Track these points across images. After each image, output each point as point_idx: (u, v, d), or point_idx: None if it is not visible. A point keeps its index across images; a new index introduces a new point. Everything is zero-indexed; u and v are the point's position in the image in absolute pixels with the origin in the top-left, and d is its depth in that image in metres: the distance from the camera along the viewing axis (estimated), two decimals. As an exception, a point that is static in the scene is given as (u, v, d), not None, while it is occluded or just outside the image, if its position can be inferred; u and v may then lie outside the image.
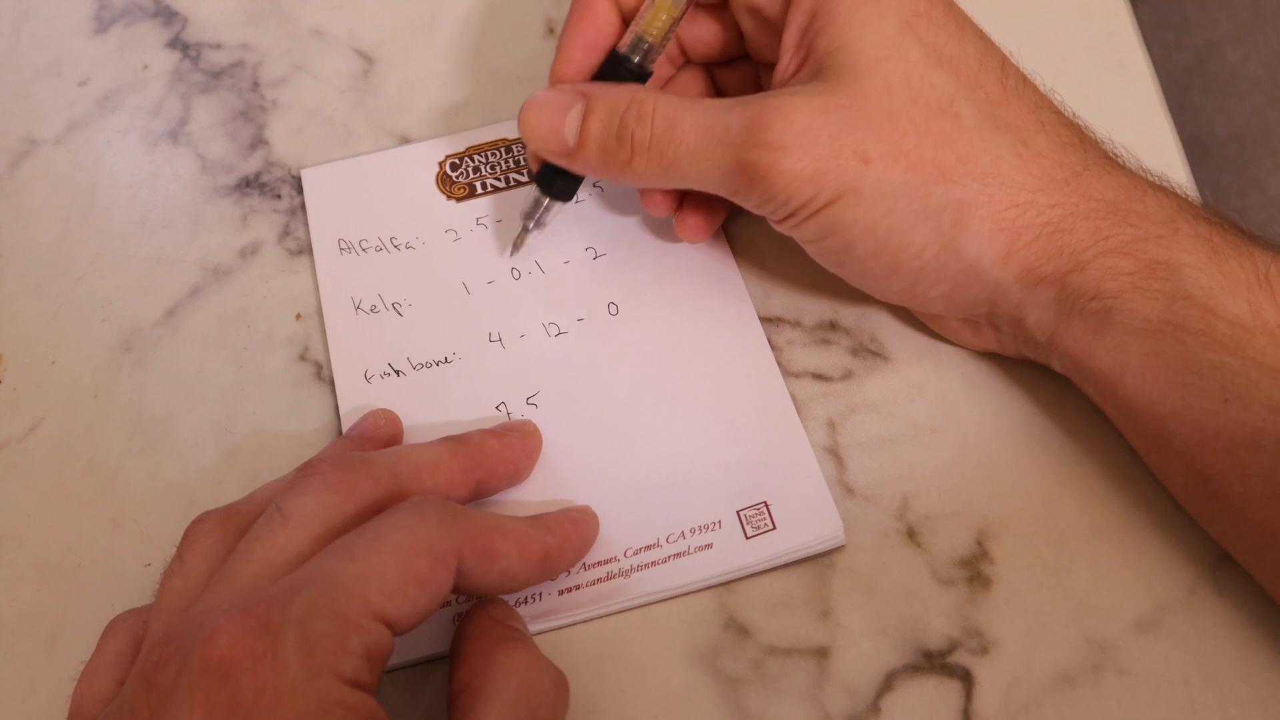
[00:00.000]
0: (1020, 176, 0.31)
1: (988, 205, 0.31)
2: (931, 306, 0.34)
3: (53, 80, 0.46)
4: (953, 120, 0.31)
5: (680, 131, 0.32)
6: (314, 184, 0.42)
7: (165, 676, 0.26)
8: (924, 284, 0.33)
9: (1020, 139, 0.32)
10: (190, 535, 0.30)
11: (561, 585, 0.33)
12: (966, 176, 0.31)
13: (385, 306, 0.39)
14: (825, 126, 0.31)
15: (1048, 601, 0.32)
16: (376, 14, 0.46)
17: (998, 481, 0.34)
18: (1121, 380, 0.31)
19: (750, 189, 0.32)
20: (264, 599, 0.26)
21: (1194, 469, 0.30)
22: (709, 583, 0.33)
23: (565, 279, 0.39)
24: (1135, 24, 0.43)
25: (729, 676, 0.32)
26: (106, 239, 0.42)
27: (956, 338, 0.36)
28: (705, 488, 0.35)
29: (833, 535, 0.33)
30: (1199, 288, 0.30)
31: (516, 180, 0.41)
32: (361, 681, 0.26)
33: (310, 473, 0.30)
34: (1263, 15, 1.08)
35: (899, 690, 0.32)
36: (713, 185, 0.33)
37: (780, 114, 0.31)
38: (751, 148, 0.31)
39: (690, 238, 0.38)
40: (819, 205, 0.31)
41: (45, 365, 0.39)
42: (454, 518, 0.29)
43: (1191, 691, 0.31)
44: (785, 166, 0.31)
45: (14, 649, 0.34)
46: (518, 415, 0.36)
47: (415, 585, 0.27)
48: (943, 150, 0.31)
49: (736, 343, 0.37)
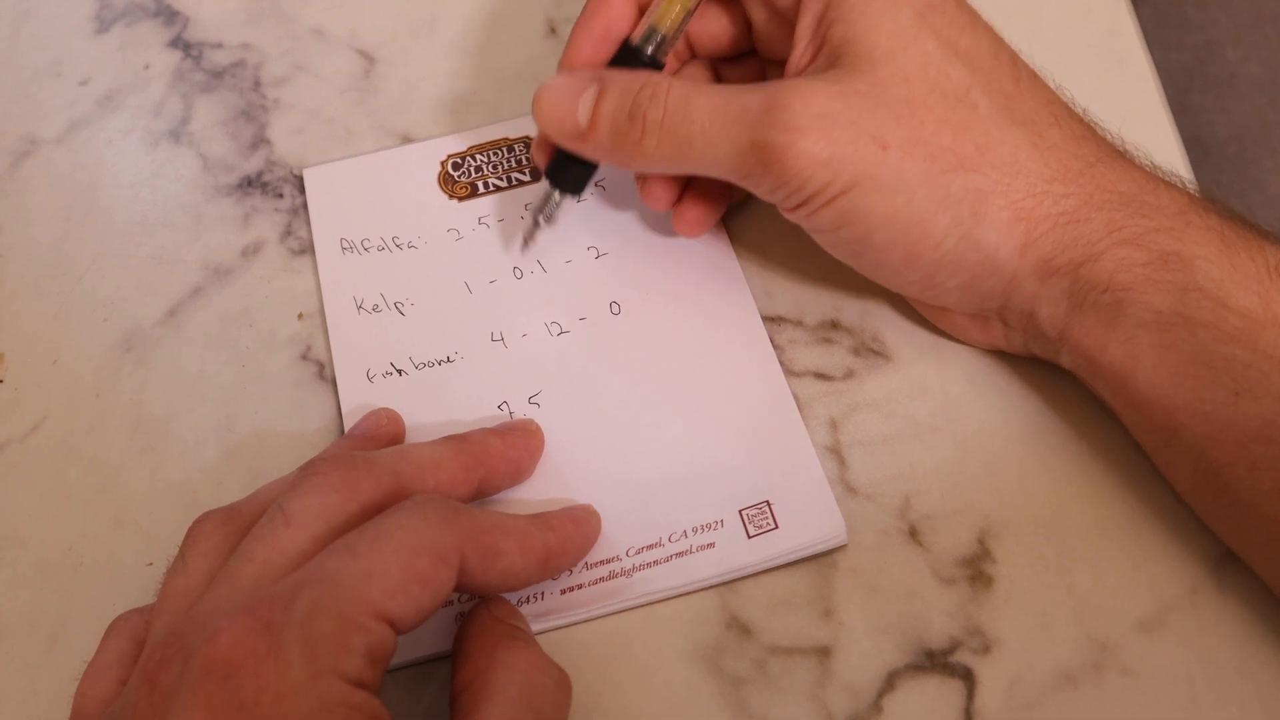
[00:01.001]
0: (1037, 166, 0.31)
1: (1006, 194, 0.31)
2: (946, 299, 0.34)
3: (54, 80, 0.46)
4: (970, 110, 0.31)
5: (694, 111, 0.32)
6: (316, 183, 0.42)
7: (168, 676, 0.26)
8: (941, 275, 0.33)
9: (1035, 131, 0.32)
10: (192, 535, 0.30)
11: (564, 584, 0.33)
12: (985, 165, 0.31)
13: (387, 306, 0.39)
14: (844, 111, 0.31)
15: (1050, 600, 0.32)
16: (377, 14, 0.46)
17: (999, 480, 0.34)
18: (1132, 373, 0.31)
19: (764, 172, 0.31)
20: (266, 598, 0.26)
21: (1203, 462, 0.30)
22: (711, 582, 0.33)
23: (567, 278, 0.39)
24: (1135, 24, 0.43)
25: (731, 676, 0.32)
26: (108, 238, 0.42)
27: (963, 334, 0.36)
28: (707, 487, 0.34)
29: (835, 534, 0.33)
30: (1210, 280, 0.30)
31: (519, 180, 0.41)
32: (364, 680, 0.26)
33: (312, 472, 0.30)
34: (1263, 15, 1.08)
35: (901, 689, 0.32)
36: (724, 168, 0.33)
37: (798, 96, 0.31)
38: (768, 129, 0.31)
39: (688, 231, 0.37)
40: (835, 192, 0.31)
41: (46, 365, 0.39)
42: (455, 516, 0.29)
43: (1194, 691, 0.31)
44: (802, 149, 0.30)
45: (15, 649, 0.34)
46: (520, 415, 0.36)
47: (418, 584, 0.27)
48: (961, 139, 0.31)
49: (738, 342, 0.37)
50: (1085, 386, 0.34)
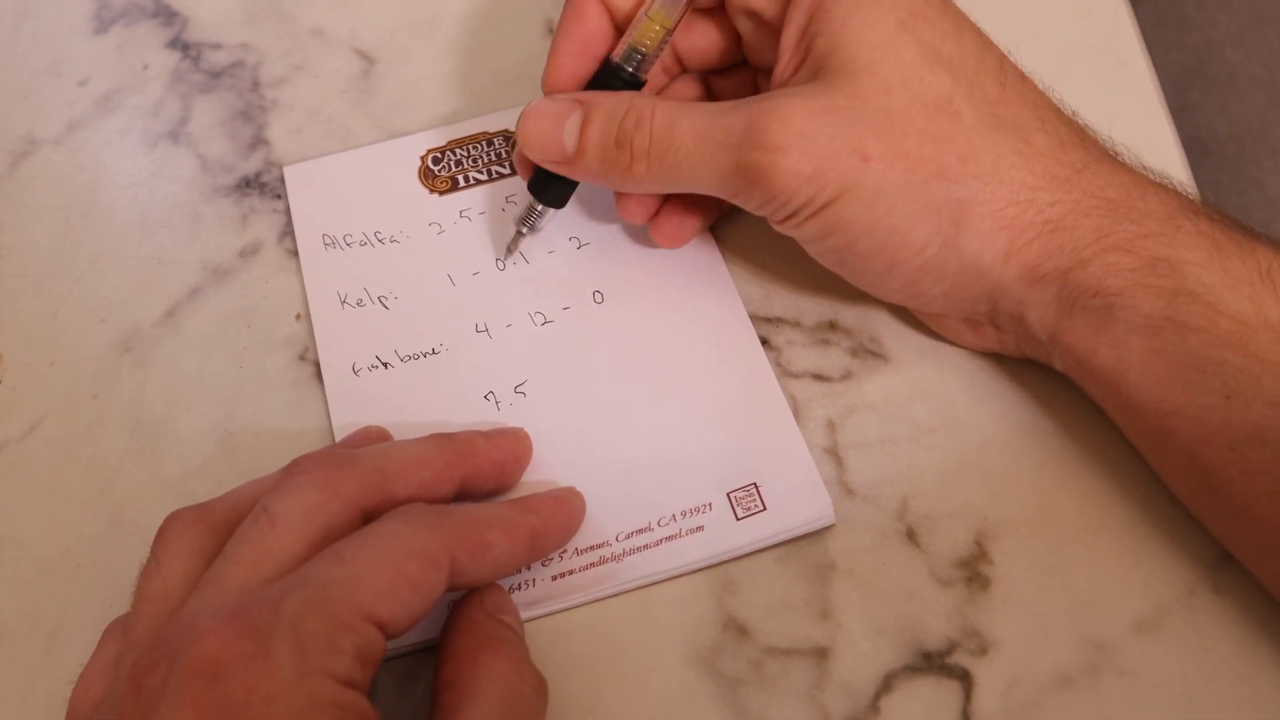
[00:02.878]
0: (1021, 174, 0.31)
1: (988, 203, 0.31)
2: (932, 305, 0.34)
3: (53, 80, 0.46)
4: (952, 119, 0.31)
5: (678, 135, 0.32)
6: (296, 180, 0.42)
7: (154, 679, 0.26)
8: (924, 282, 0.33)
9: (1020, 137, 0.32)
10: (164, 534, 0.30)
11: (554, 570, 0.34)
12: (967, 175, 0.31)
13: (371, 300, 0.39)
14: (824, 127, 0.31)
15: (1047, 602, 0.32)
16: (376, 14, 0.46)
17: (997, 482, 0.34)
18: (1123, 377, 0.31)
19: (750, 190, 0.32)
20: (254, 602, 0.26)
21: (1195, 466, 0.30)
22: (701, 564, 0.34)
23: (550, 269, 0.39)
24: (1135, 24, 0.43)
25: (728, 677, 0.32)
26: (106, 239, 0.42)
27: (958, 337, 0.36)
28: (695, 470, 0.35)
29: (822, 514, 0.34)
30: (1201, 284, 0.30)
31: (499, 173, 0.41)
32: (353, 681, 0.26)
33: (296, 471, 0.30)
34: (1263, 15, 1.08)
35: (898, 691, 0.32)
36: (712, 188, 0.33)
37: (778, 115, 0.31)
38: (751, 149, 0.31)
39: (666, 243, 0.38)
40: (820, 205, 0.31)
41: (45, 365, 0.39)
42: (441, 520, 0.29)
43: (1191, 692, 0.31)
44: (784, 167, 0.31)
45: (13, 649, 0.34)
46: (506, 404, 0.37)
47: (407, 587, 0.27)
48: (942, 149, 0.31)
49: (721, 326, 0.38)
50: (1078, 388, 0.34)
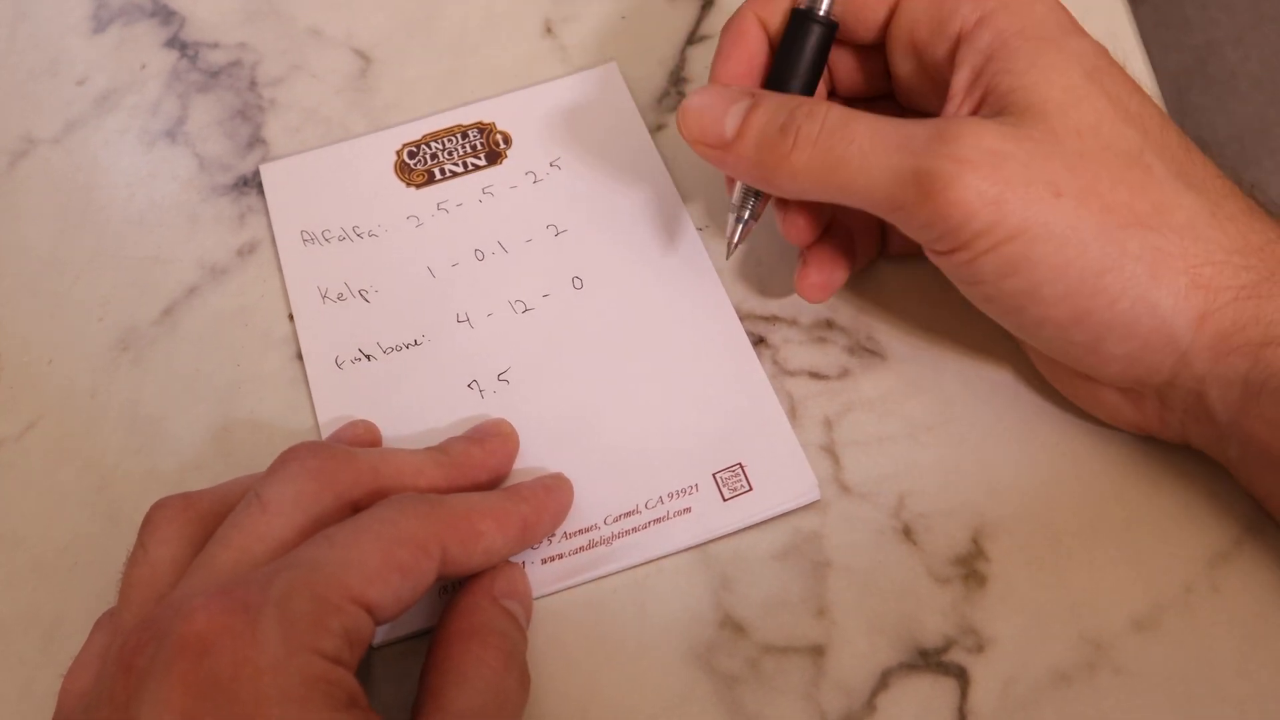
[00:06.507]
0: (1215, 234, 0.30)
1: (1184, 258, 0.29)
2: (1108, 369, 0.31)
3: (50, 80, 0.46)
4: (1144, 171, 0.30)
5: (853, 130, 0.30)
6: (273, 178, 0.42)
7: (143, 658, 0.26)
8: (1110, 339, 0.30)
9: (1212, 200, 0.30)
10: (151, 522, 0.30)
11: (544, 554, 0.34)
12: (1163, 225, 0.29)
13: (352, 294, 0.39)
14: (1017, 151, 0.29)
15: (1044, 600, 0.32)
16: (374, 13, 0.46)
17: (994, 480, 0.34)
18: None
19: (920, 205, 0.29)
20: (243, 581, 0.26)
21: None
22: (690, 545, 0.34)
23: (529, 257, 0.39)
24: (1135, 24, 0.43)
25: (725, 675, 0.32)
26: (104, 238, 0.42)
27: (1111, 414, 0.33)
28: (680, 452, 0.35)
29: (807, 492, 0.34)
30: None
31: (474, 165, 0.42)
32: (341, 660, 0.26)
33: (290, 459, 0.30)
34: (1263, 15, 1.08)
35: (895, 688, 0.32)
36: (876, 197, 0.30)
37: (970, 129, 0.29)
38: (935, 157, 0.29)
39: (812, 297, 0.36)
40: (1000, 237, 0.29)
41: (42, 364, 0.39)
42: (432, 508, 0.30)
43: (1188, 690, 0.31)
44: (968, 182, 0.28)
45: (10, 647, 0.34)
46: (490, 392, 0.37)
47: (397, 573, 0.28)
48: (1138, 197, 0.29)
49: (701, 307, 0.38)
50: (1246, 487, 0.32)
